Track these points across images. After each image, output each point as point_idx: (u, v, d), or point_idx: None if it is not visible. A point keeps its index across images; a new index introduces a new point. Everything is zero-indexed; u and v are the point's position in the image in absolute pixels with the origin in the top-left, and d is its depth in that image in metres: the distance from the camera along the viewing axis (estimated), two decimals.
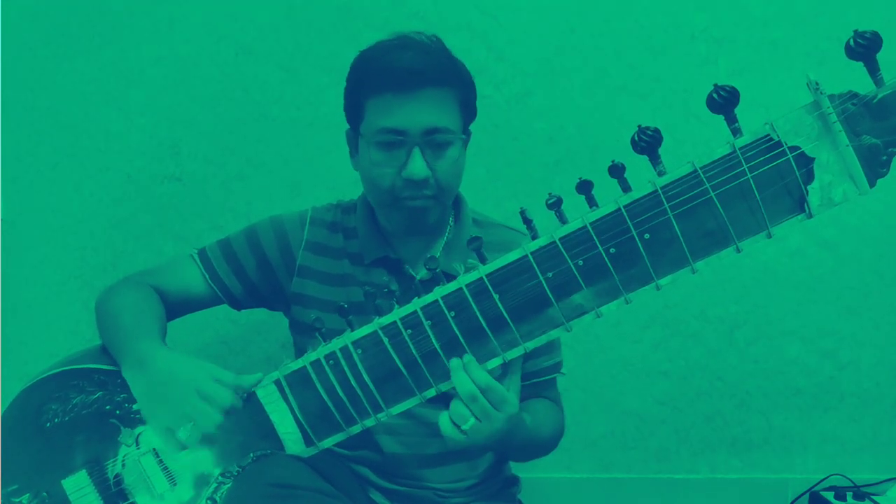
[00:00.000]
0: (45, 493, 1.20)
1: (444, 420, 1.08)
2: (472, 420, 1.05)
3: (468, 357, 1.05)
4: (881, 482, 1.94)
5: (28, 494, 1.20)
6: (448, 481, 1.37)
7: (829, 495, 1.89)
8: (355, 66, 1.31)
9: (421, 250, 1.36)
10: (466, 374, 1.05)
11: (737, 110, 0.91)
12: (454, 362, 1.06)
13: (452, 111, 1.27)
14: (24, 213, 1.87)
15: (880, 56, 0.86)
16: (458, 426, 1.06)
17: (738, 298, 1.92)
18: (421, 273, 1.33)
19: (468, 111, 1.32)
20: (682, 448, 1.98)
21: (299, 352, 1.39)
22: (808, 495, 1.95)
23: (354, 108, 1.30)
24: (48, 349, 1.88)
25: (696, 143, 1.83)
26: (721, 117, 0.92)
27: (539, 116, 1.86)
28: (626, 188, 0.96)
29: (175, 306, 1.38)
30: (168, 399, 1.14)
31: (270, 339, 1.91)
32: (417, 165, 1.23)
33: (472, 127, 1.36)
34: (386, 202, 1.29)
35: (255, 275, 1.39)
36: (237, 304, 1.43)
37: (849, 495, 1.87)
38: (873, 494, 1.89)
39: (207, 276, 1.39)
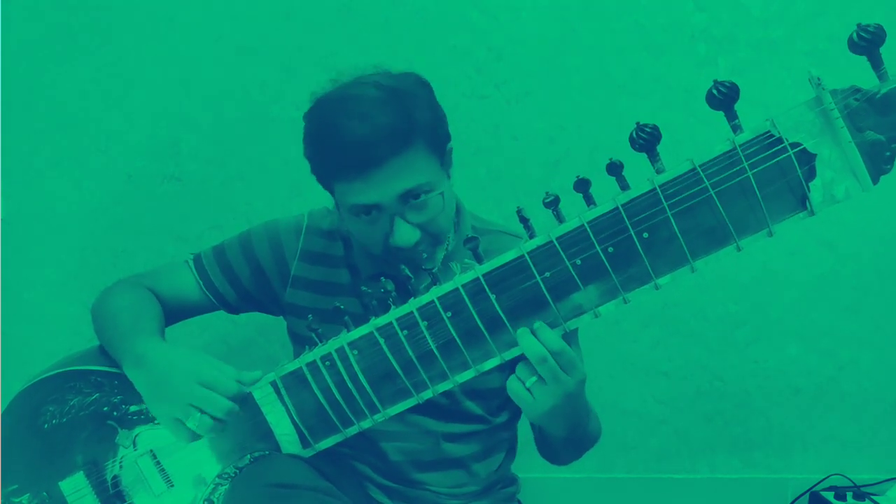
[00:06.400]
0: (45, 493, 1.20)
1: (511, 381, 1.05)
2: (535, 378, 1.03)
3: (539, 324, 1.02)
4: (881, 482, 1.95)
5: (28, 494, 1.21)
6: (447, 486, 1.36)
7: (829, 495, 1.89)
8: (308, 140, 1.20)
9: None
10: (535, 337, 1.01)
11: (737, 110, 0.90)
12: (522, 331, 1.02)
13: (424, 161, 1.15)
14: (24, 213, 1.87)
15: (886, 55, 0.85)
16: (523, 383, 1.04)
17: (738, 298, 1.92)
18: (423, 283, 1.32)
19: (440, 143, 1.21)
20: (682, 448, 1.98)
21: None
22: (808, 495, 1.96)
23: (322, 181, 1.22)
24: (48, 349, 1.87)
25: (697, 144, 1.79)
26: (721, 117, 0.91)
27: (539, 116, 1.85)
28: (624, 186, 0.94)
29: (171, 312, 1.36)
30: (171, 392, 1.11)
31: (272, 340, 1.91)
32: (404, 234, 1.15)
33: (472, 126, 1.32)
34: (381, 258, 1.24)
35: (249, 283, 1.37)
36: (233, 311, 1.41)
37: (849, 495, 1.87)
38: (873, 494, 1.89)
39: (202, 284, 1.37)
